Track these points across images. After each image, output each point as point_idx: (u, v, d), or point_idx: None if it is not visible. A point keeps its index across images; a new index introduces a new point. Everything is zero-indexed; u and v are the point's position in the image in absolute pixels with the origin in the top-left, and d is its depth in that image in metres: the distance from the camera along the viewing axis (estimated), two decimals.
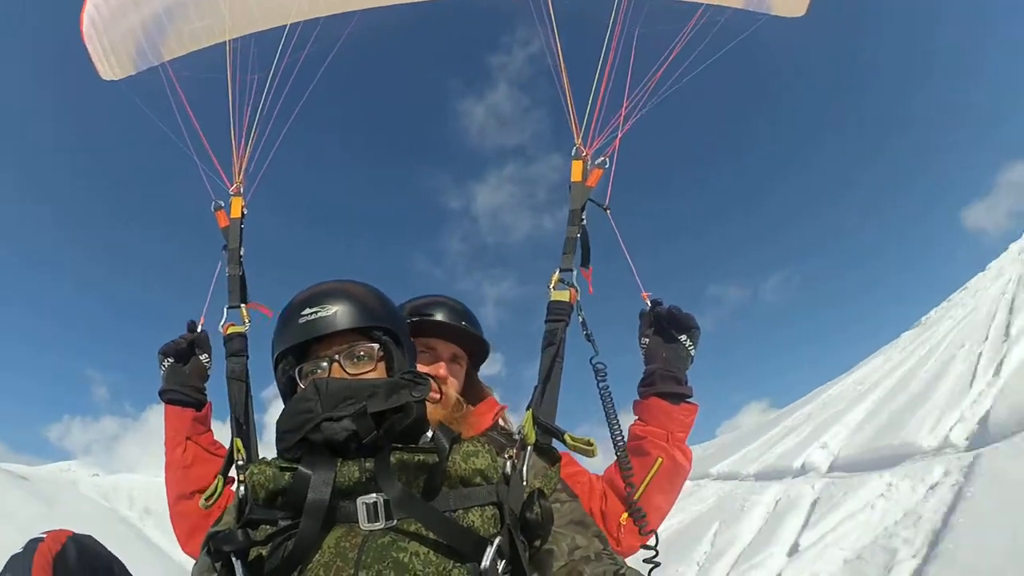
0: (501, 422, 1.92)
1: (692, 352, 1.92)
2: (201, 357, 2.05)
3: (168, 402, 2.00)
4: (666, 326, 1.93)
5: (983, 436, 7.31)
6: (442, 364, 1.93)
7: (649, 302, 1.98)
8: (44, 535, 1.16)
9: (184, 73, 2.30)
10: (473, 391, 2.04)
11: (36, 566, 1.09)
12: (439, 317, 1.95)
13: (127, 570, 1.21)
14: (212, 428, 2.07)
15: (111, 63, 2.40)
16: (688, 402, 1.88)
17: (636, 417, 1.91)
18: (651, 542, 1.51)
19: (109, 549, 1.21)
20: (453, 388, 1.92)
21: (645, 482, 1.76)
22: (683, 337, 1.91)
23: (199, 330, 2.07)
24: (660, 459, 1.79)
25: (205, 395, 2.05)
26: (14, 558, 1.14)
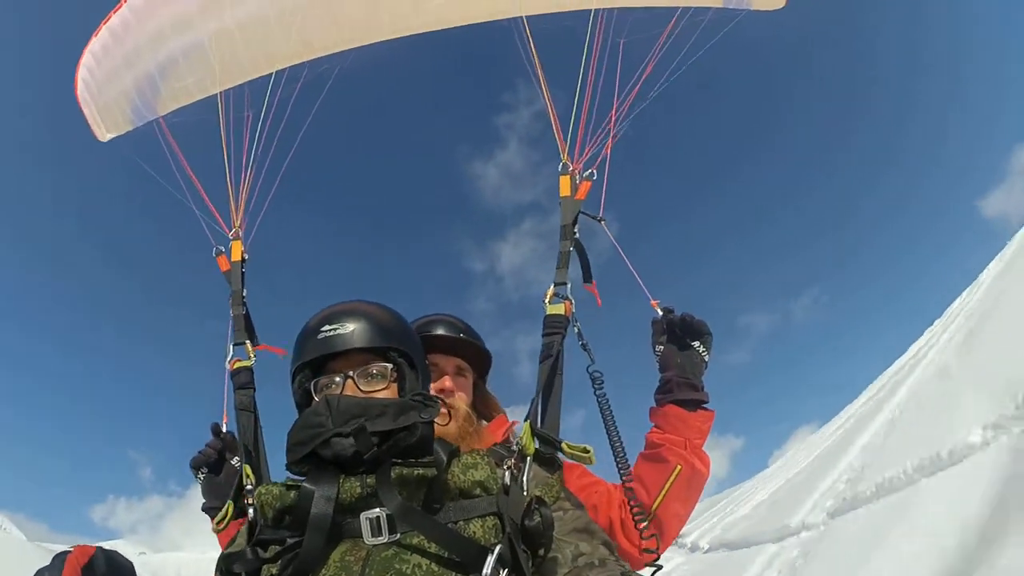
0: (512, 438, 1.90)
1: (706, 357, 1.91)
2: (233, 462, 2.06)
3: (213, 518, 2.01)
4: (679, 333, 1.91)
5: None
6: (447, 377, 1.93)
7: (660, 310, 1.97)
8: (72, 548, 1.20)
9: (176, 119, 2.37)
10: (483, 402, 2.05)
11: (67, 569, 1.14)
12: (439, 332, 1.98)
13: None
14: None
15: (107, 124, 2.49)
16: (705, 408, 1.86)
17: (653, 424, 1.89)
18: (650, 547, 1.50)
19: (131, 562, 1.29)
20: (462, 401, 1.93)
21: (664, 490, 1.75)
22: (696, 343, 1.90)
23: (224, 431, 2.09)
24: (679, 467, 1.76)
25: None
26: (41, 570, 1.18)
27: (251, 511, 1.42)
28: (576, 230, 2.09)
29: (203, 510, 2.02)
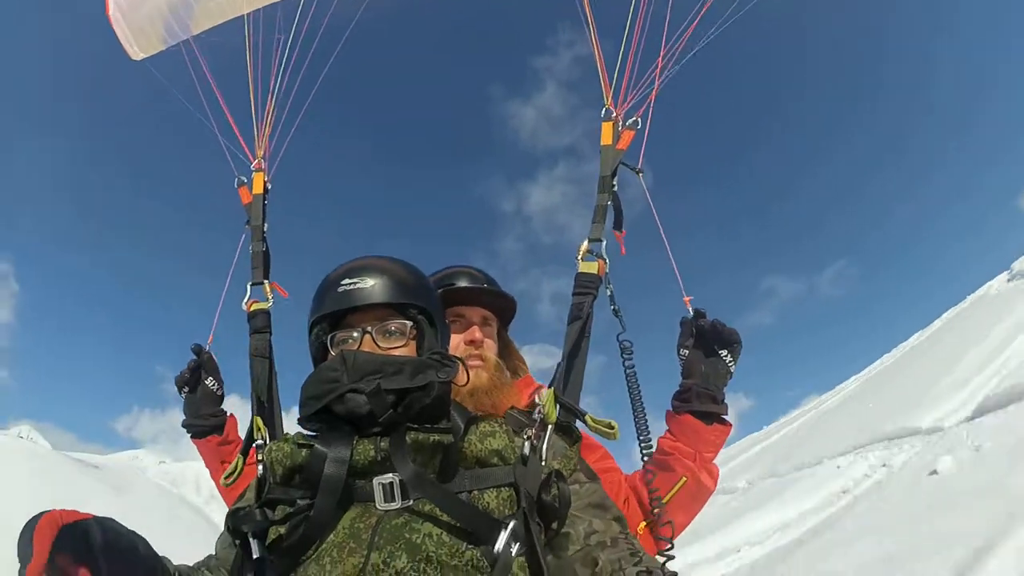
0: (537, 399, 1.86)
1: (732, 368, 1.85)
2: (207, 381, 2.07)
3: (191, 436, 2.06)
4: (708, 339, 1.84)
5: None
6: (475, 328, 1.90)
7: (691, 310, 1.88)
8: (41, 515, 1.00)
9: (205, 39, 2.26)
10: (507, 351, 2.03)
11: (37, 545, 0.96)
12: (462, 284, 1.94)
13: (152, 549, 1.17)
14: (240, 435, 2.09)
15: (140, 43, 2.40)
16: (721, 422, 1.82)
17: (667, 429, 1.85)
18: (667, 534, 1.46)
19: (132, 530, 1.14)
20: (491, 350, 1.91)
21: (666, 498, 1.72)
22: (724, 352, 1.83)
23: (205, 351, 2.09)
24: (684, 478, 1.75)
25: (222, 415, 2.08)
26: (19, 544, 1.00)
27: (260, 467, 1.40)
28: (615, 182, 1.99)
29: (182, 426, 2.05)
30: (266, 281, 2.09)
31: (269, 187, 2.28)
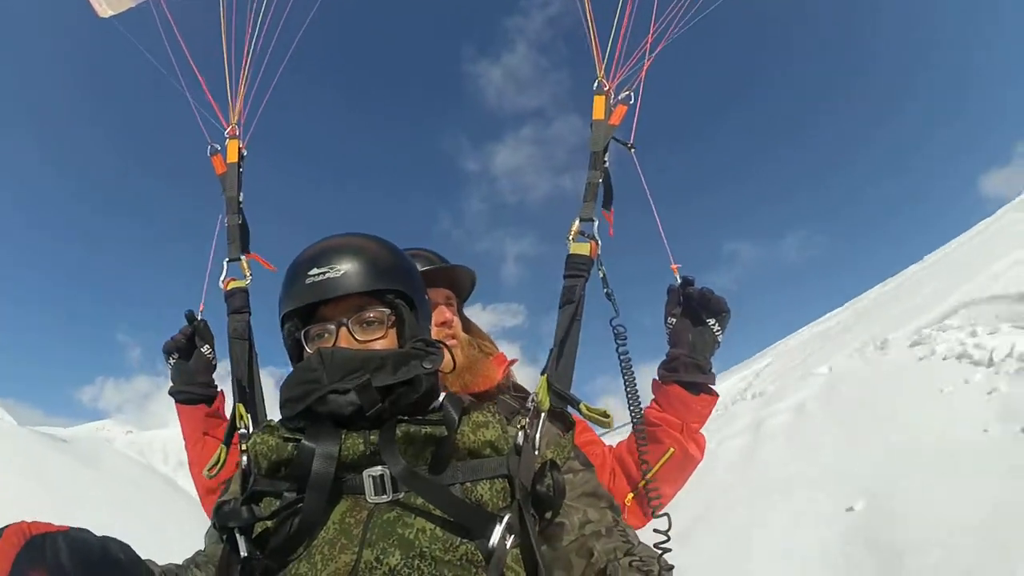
0: (510, 380, 1.86)
1: (719, 338, 1.83)
2: (203, 349, 1.98)
3: (179, 402, 1.97)
4: (696, 308, 1.82)
5: None
6: (443, 308, 1.87)
7: (679, 278, 1.84)
8: (3, 529, 0.96)
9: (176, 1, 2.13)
10: (469, 327, 2.02)
11: (6, 536, 0.93)
12: (422, 268, 1.86)
13: (134, 554, 1.12)
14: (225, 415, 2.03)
15: (109, 0, 2.24)
16: (708, 392, 1.81)
17: (653, 399, 1.84)
18: (663, 526, 1.42)
19: (98, 535, 1.08)
20: (459, 328, 1.89)
21: (653, 470, 1.71)
22: (712, 321, 1.81)
23: (199, 319, 1.99)
24: (672, 449, 1.74)
25: (214, 387, 2.01)
26: None
27: (244, 459, 1.33)
28: (606, 158, 1.94)
29: (169, 393, 1.98)
30: (243, 257, 2.00)
31: (244, 154, 2.16)
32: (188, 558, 1.35)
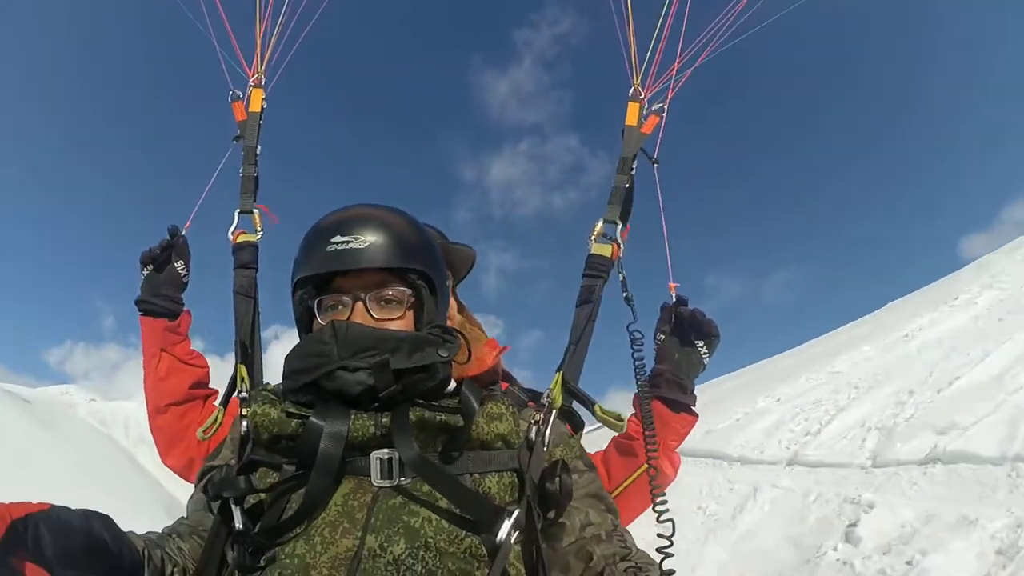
0: (500, 365, 1.79)
1: (706, 361, 1.84)
2: (176, 264, 1.92)
3: (141, 313, 1.90)
4: (686, 328, 1.82)
5: None
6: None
7: (675, 296, 1.85)
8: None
9: None
10: (461, 308, 1.94)
11: None
12: None
13: (110, 524, 1.03)
14: (190, 338, 1.97)
15: None
16: (689, 412, 1.82)
17: (632, 413, 1.80)
18: (667, 531, 1.39)
19: (79, 511, 1.01)
20: (454, 310, 1.82)
21: (625, 484, 1.72)
22: (700, 343, 1.82)
23: (181, 234, 1.93)
24: (644, 465, 1.69)
25: (181, 304, 1.94)
26: None
27: (243, 424, 1.24)
28: (634, 165, 1.92)
29: (135, 303, 1.92)
30: (256, 210, 1.92)
31: (265, 106, 2.11)
32: (169, 526, 1.26)
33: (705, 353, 1.83)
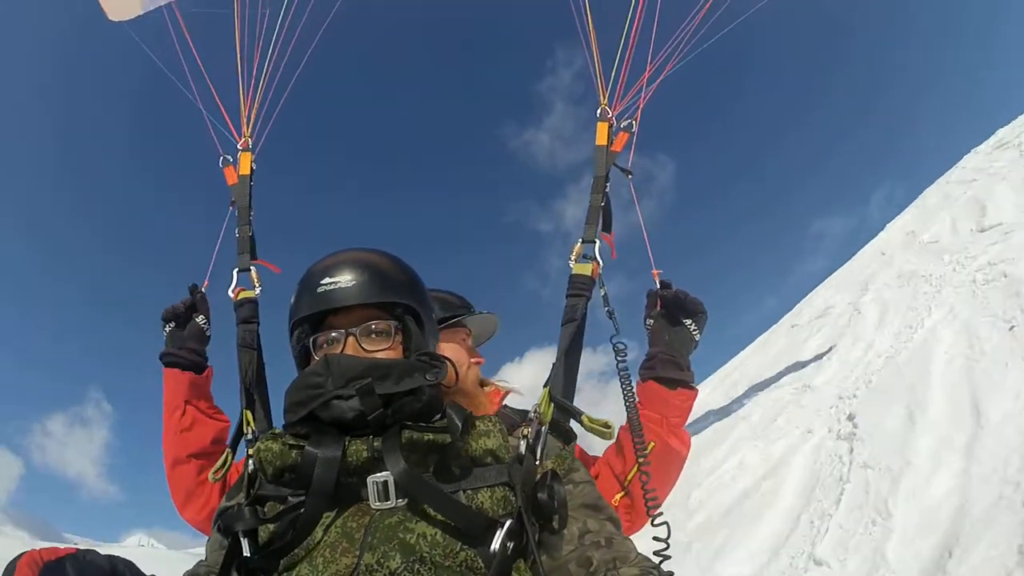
0: (508, 404, 1.95)
1: (696, 337, 1.89)
2: (198, 319, 2.02)
3: (166, 365, 1.98)
4: (673, 309, 1.89)
5: None
6: (454, 346, 1.99)
7: (658, 281, 1.93)
8: (22, 555, 1.04)
9: (192, 9, 2.16)
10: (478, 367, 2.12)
11: (21, 566, 0.99)
12: (439, 314, 1.96)
13: (131, 566, 1.14)
14: (212, 394, 2.05)
15: (118, 3, 2.26)
16: (686, 387, 1.87)
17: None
18: (662, 534, 1.43)
19: (106, 554, 1.13)
20: (465, 367, 1.97)
21: (635, 467, 1.74)
22: (688, 321, 1.88)
23: (200, 291, 2.04)
24: (652, 443, 1.77)
25: (205, 359, 2.03)
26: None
27: (250, 463, 1.36)
28: (607, 184, 2.01)
29: (159, 357, 2.00)
30: (253, 267, 2.04)
31: (254, 167, 2.22)
32: (189, 569, 1.34)
33: (695, 330, 1.88)
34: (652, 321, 1.92)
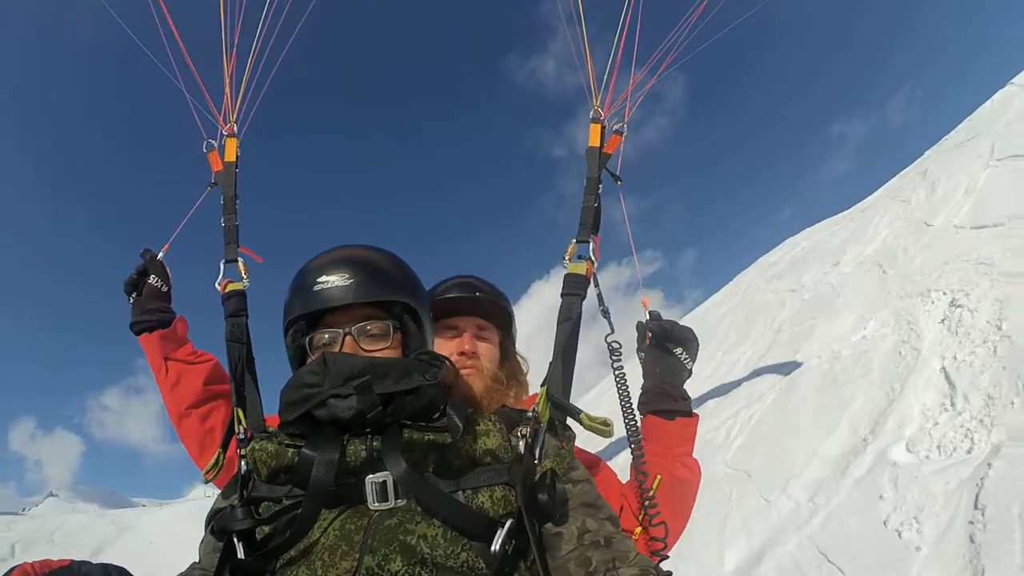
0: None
1: (689, 366, 1.92)
2: (151, 280, 1.99)
3: (137, 333, 1.97)
4: (662, 340, 1.92)
5: None
6: (467, 337, 1.90)
7: (648, 312, 1.95)
8: (14, 569, 1.03)
9: None
10: (510, 360, 2.03)
11: None
12: (452, 294, 1.94)
13: (125, 573, 1.12)
14: (190, 340, 2.03)
15: None
16: (684, 415, 1.88)
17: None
18: (660, 535, 1.47)
19: (100, 564, 1.12)
20: (488, 360, 1.91)
21: (646, 503, 1.74)
22: (679, 350, 1.91)
23: (150, 253, 2.02)
24: (659, 476, 1.78)
25: (169, 312, 2.01)
26: None
27: (243, 464, 1.32)
28: (600, 185, 2.01)
29: (130, 328, 1.99)
30: (240, 259, 1.97)
31: (239, 154, 2.14)
32: (182, 572, 1.30)
33: (686, 359, 1.90)
34: (643, 354, 1.94)
